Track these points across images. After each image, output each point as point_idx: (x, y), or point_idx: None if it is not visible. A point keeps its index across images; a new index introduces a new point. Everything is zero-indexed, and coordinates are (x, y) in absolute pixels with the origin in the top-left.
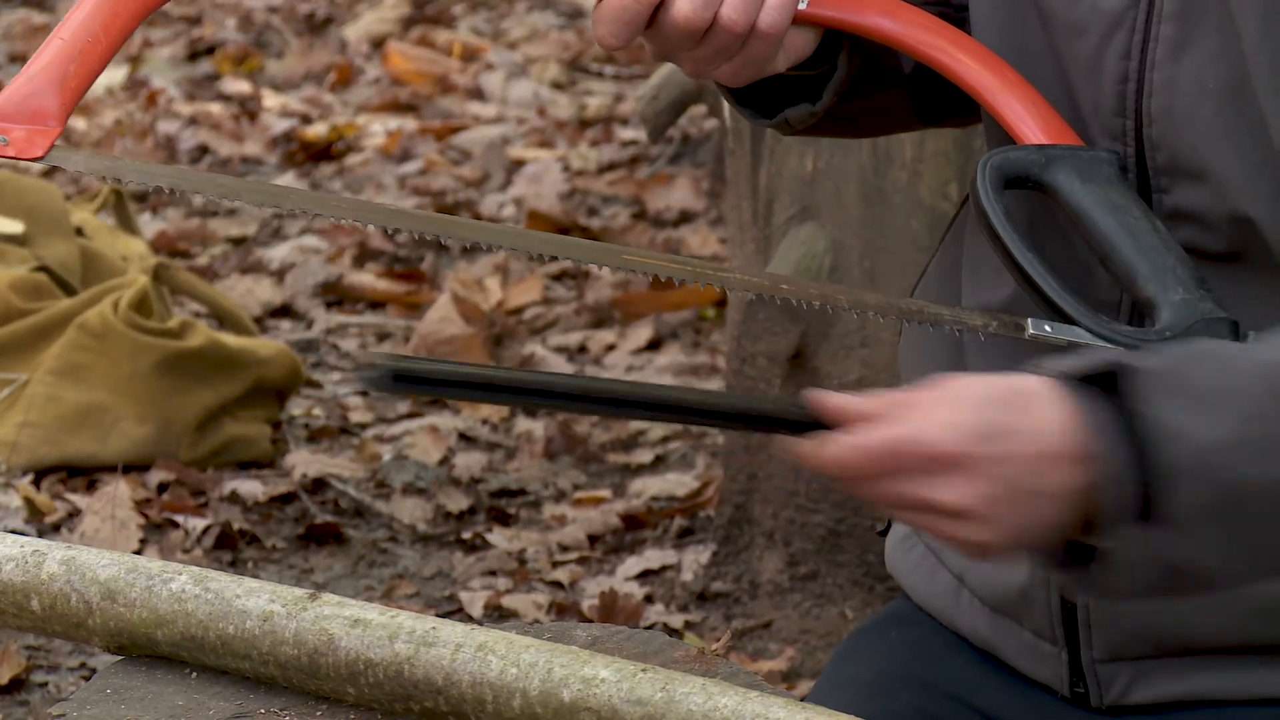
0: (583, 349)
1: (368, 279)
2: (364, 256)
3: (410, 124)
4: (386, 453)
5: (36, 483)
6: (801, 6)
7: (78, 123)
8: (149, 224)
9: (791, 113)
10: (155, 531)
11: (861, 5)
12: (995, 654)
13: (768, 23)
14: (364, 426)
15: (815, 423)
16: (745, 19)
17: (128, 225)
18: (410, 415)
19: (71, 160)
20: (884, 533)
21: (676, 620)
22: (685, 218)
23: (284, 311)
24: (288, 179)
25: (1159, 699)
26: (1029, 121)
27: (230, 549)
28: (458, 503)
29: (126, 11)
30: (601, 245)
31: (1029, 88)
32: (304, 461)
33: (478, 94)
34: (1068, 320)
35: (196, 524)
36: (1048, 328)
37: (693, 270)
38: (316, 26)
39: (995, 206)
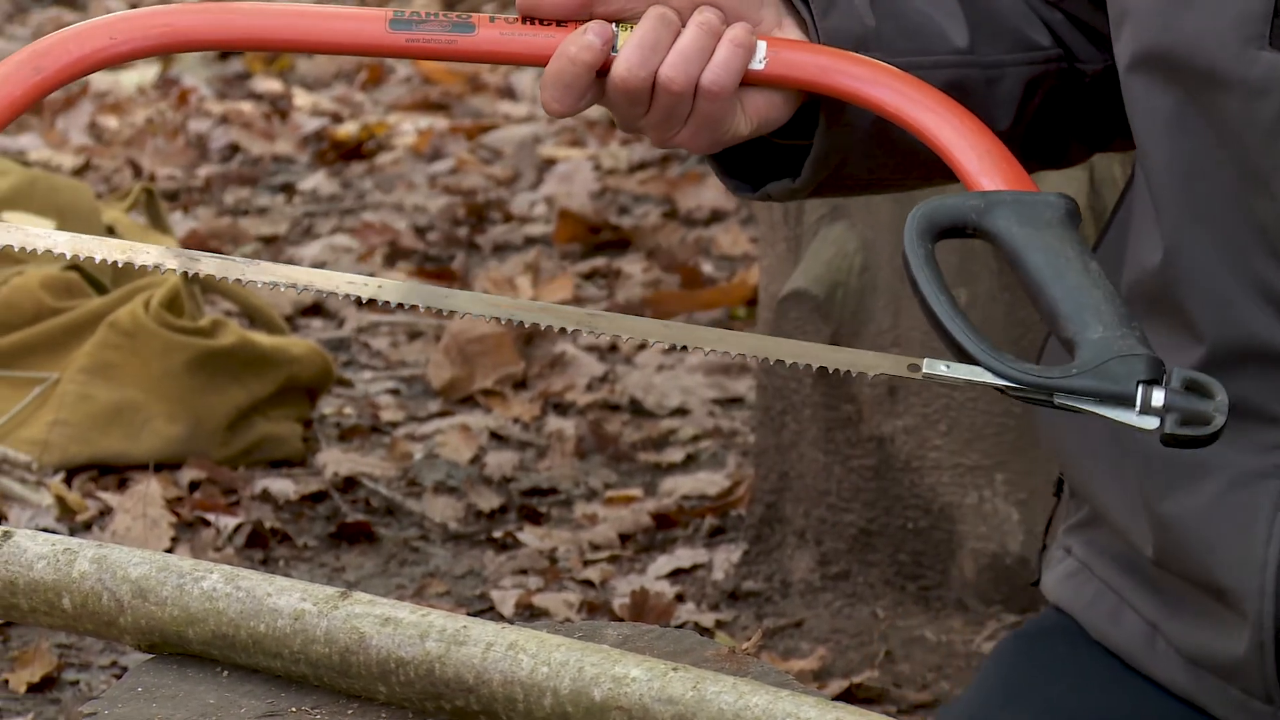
0: (613, 348)
1: (399, 277)
2: (395, 255)
3: (441, 123)
4: (418, 451)
5: (68, 481)
6: (756, 66)
7: (109, 121)
8: (180, 223)
9: (772, 187)
10: (187, 530)
11: (818, 64)
12: (1197, 704)
13: (711, 80)
14: (395, 425)
15: None
16: (684, 77)
17: (159, 224)
18: (441, 414)
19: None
20: (1035, 584)
21: (708, 619)
22: (716, 217)
23: (315, 310)
24: (318, 178)
25: None
26: (990, 174)
27: (262, 547)
28: (489, 501)
29: (17, 93)
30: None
31: (992, 138)
32: (335, 460)
33: (509, 93)
34: (970, 360)
35: (228, 522)
36: (944, 367)
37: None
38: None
39: (916, 251)
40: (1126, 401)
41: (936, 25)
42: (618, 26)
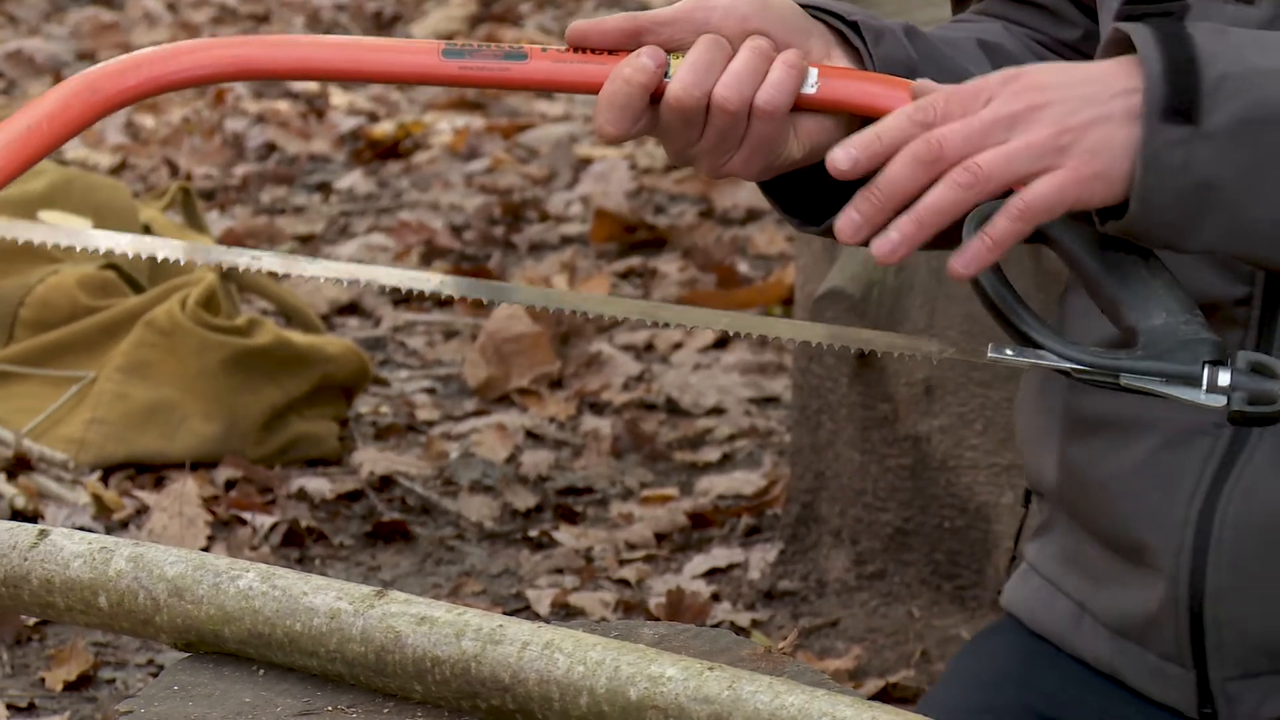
0: (650, 347)
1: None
2: (431, 254)
3: (477, 122)
4: (453, 450)
5: (104, 480)
6: (808, 90)
7: (145, 120)
8: (217, 221)
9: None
10: (223, 529)
11: (869, 89)
12: (1119, 677)
13: (764, 100)
14: (431, 424)
15: None
16: (739, 96)
17: (195, 222)
18: (477, 413)
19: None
20: (999, 592)
21: (743, 618)
22: (752, 216)
23: (351, 309)
24: (354, 177)
25: None
26: None
27: (297, 546)
28: (525, 500)
29: (78, 111)
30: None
31: None
32: (371, 459)
33: (545, 92)
34: (1033, 344)
35: (264, 521)
36: (1009, 351)
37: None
38: (384, 24)
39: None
40: (1193, 381)
41: (969, 73)
42: (670, 55)
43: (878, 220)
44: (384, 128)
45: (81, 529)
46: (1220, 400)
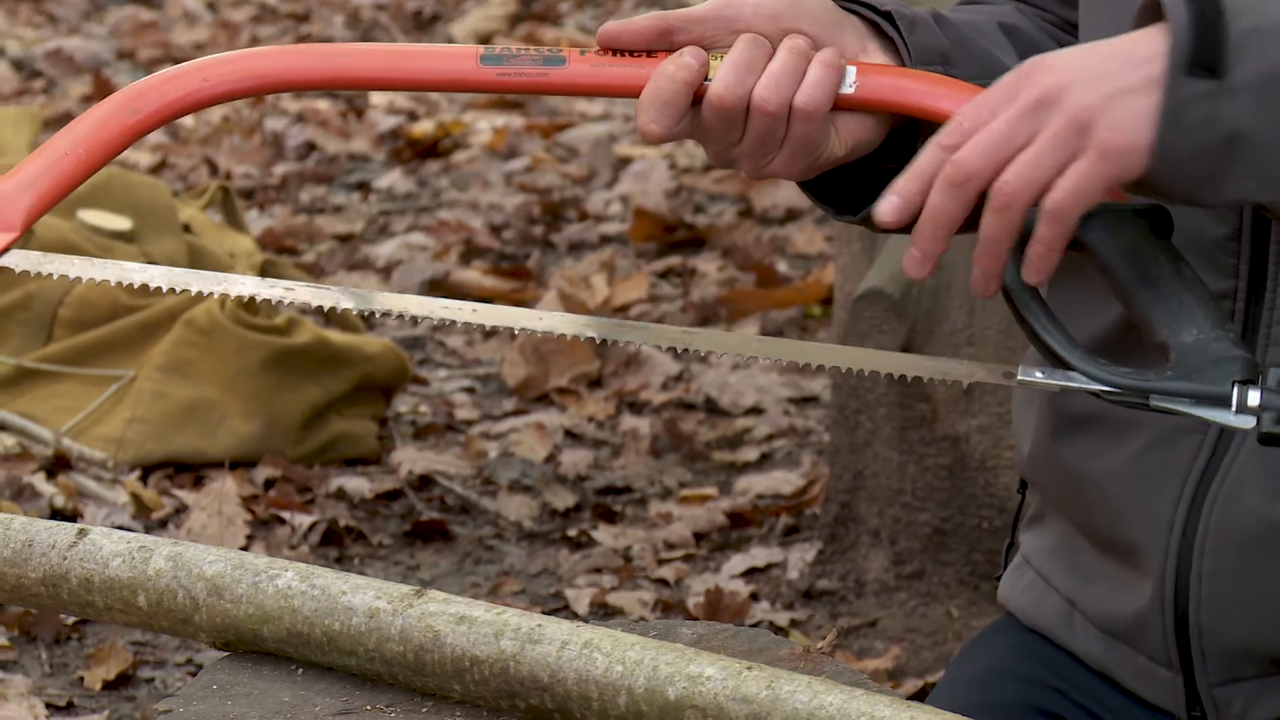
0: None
1: (474, 276)
2: (470, 253)
3: (517, 121)
4: (492, 450)
5: (144, 479)
6: (847, 90)
7: (185, 119)
8: (256, 221)
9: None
10: (262, 528)
11: (907, 86)
12: (1110, 676)
13: (804, 101)
14: (470, 424)
15: None
16: (778, 98)
17: (235, 222)
18: (516, 413)
19: (22, 263)
20: (998, 578)
21: (782, 618)
22: (791, 216)
23: None
24: (394, 176)
25: (1277, 716)
26: None
27: (336, 545)
28: (563, 500)
29: (113, 133)
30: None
31: None
32: (410, 458)
33: None
34: (1064, 365)
35: (303, 520)
36: (1039, 374)
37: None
38: (424, 24)
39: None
40: (1223, 401)
41: (996, 58)
42: (710, 54)
43: (939, 250)
44: (423, 127)
45: (120, 528)
46: (1250, 421)
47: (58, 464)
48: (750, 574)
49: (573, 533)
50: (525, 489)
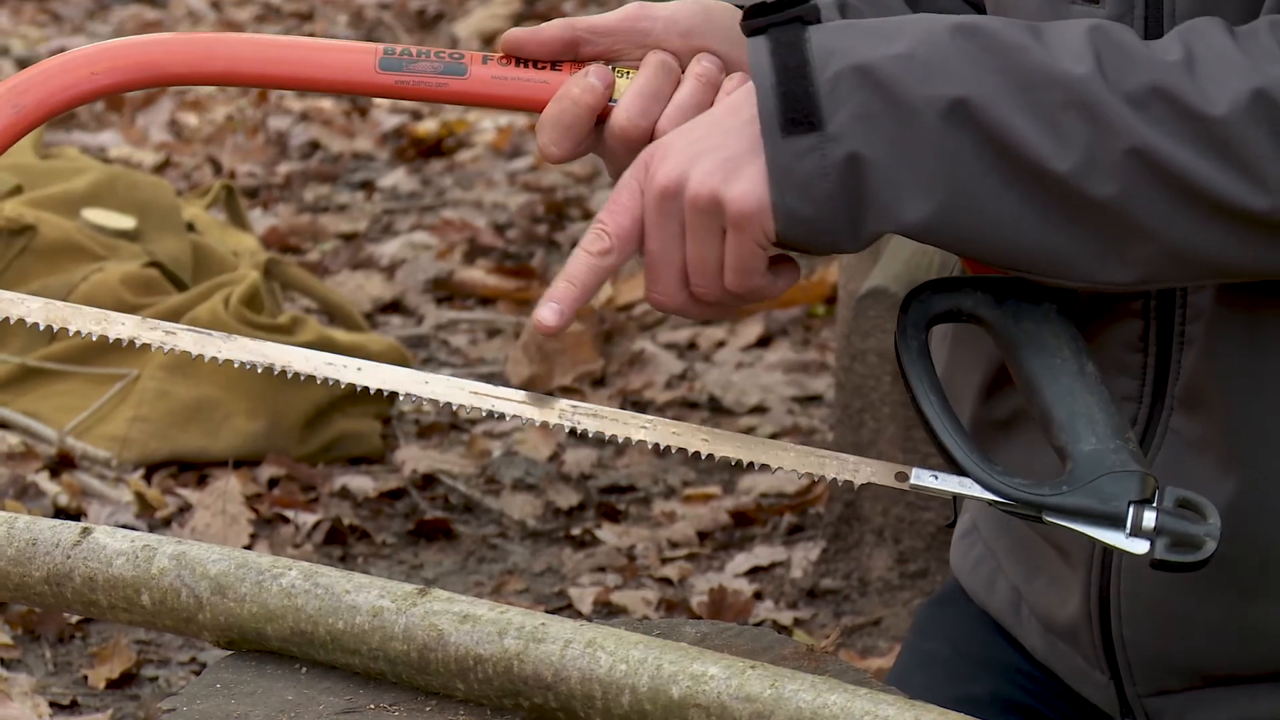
0: (692, 345)
1: (478, 275)
2: (474, 252)
3: (521, 120)
4: (496, 449)
5: (147, 477)
6: None
7: (189, 118)
8: (260, 219)
9: None
10: (265, 526)
11: None
12: (1054, 672)
13: None
14: (473, 423)
15: None
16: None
17: (239, 221)
18: None
19: None
20: (951, 525)
21: (786, 617)
22: None
23: (394, 307)
24: (398, 175)
25: None
26: None
27: (340, 544)
28: (567, 499)
29: (60, 93)
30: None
31: None
32: (414, 457)
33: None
34: (960, 471)
35: (307, 519)
36: (932, 478)
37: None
38: (427, 23)
39: (909, 344)
40: (1117, 523)
41: None
42: (614, 71)
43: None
44: (427, 126)
45: (124, 527)
46: (1143, 545)
47: (61, 463)
48: (754, 573)
49: (576, 531)
50: (529, 488)
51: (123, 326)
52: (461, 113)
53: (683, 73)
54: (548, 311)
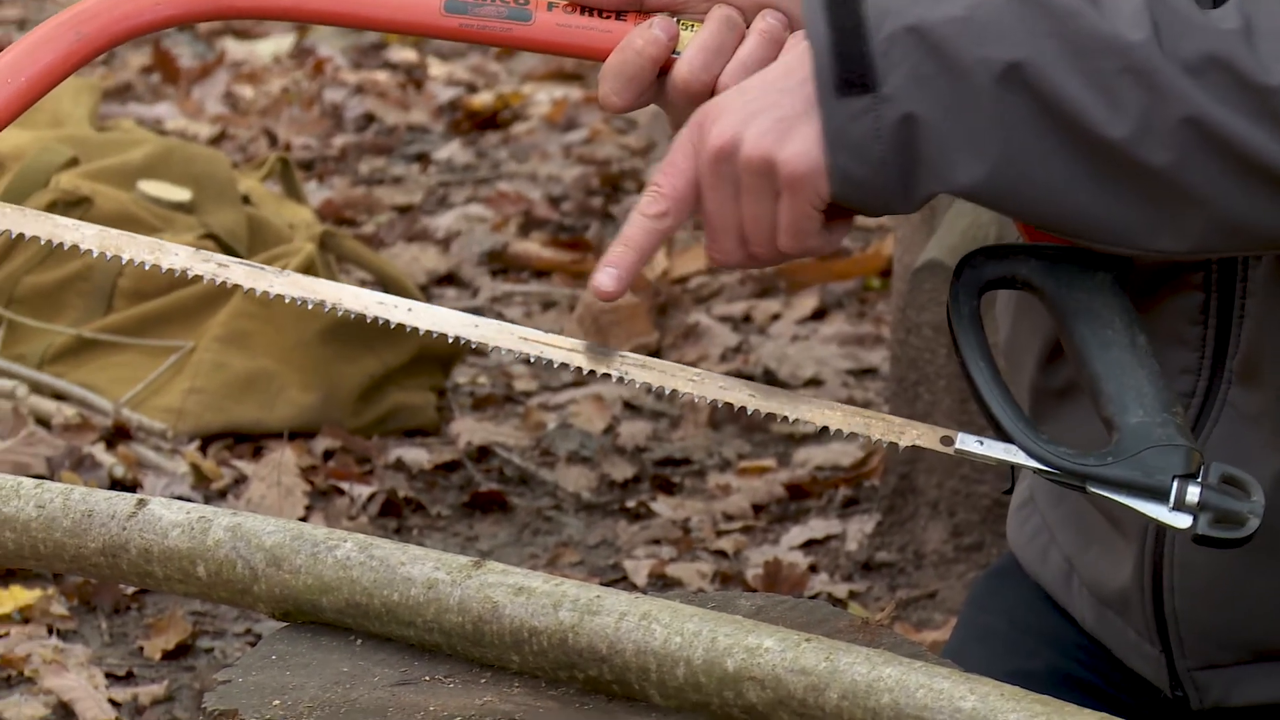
0: (747, 318)
1: (533, 247)
2: (529, 225)
3: (575, 92)
4: (551, 421)
5: (203, 449)
6: None
7: (244, 91)
8: (315, 192)
9: None
10: (321, 498)
11: None
12: (1104, 644)
13: None
14: (529, 395)
15: None
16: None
17: (294, 193)
18: (575, 384)
19: None
20: (1008, 493)
21: (841, 590)
22: None
23: (449, 279)
24: (453, 147)
25: (1258, 701)
26: None
27: (395, 516)
28: (622, 471)
29: (56, 57)
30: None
31: None
32: (469, 429)
33: None
34: (1006, 438)
35: (362, 491)
36: (977, 443)
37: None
38: None
39: (960, 309)
40: (1160, 496)
41: None
42: (679, 24)
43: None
44: (482, 98)
45: (180, 498)
46: (1186, 520)
47: (117, 434)
48: (809, 546)
49: (631, 504)
50: (584, 460)
51: (176, 257)
52: (517, 85)
53: (747, 28)
54: (605, 277)
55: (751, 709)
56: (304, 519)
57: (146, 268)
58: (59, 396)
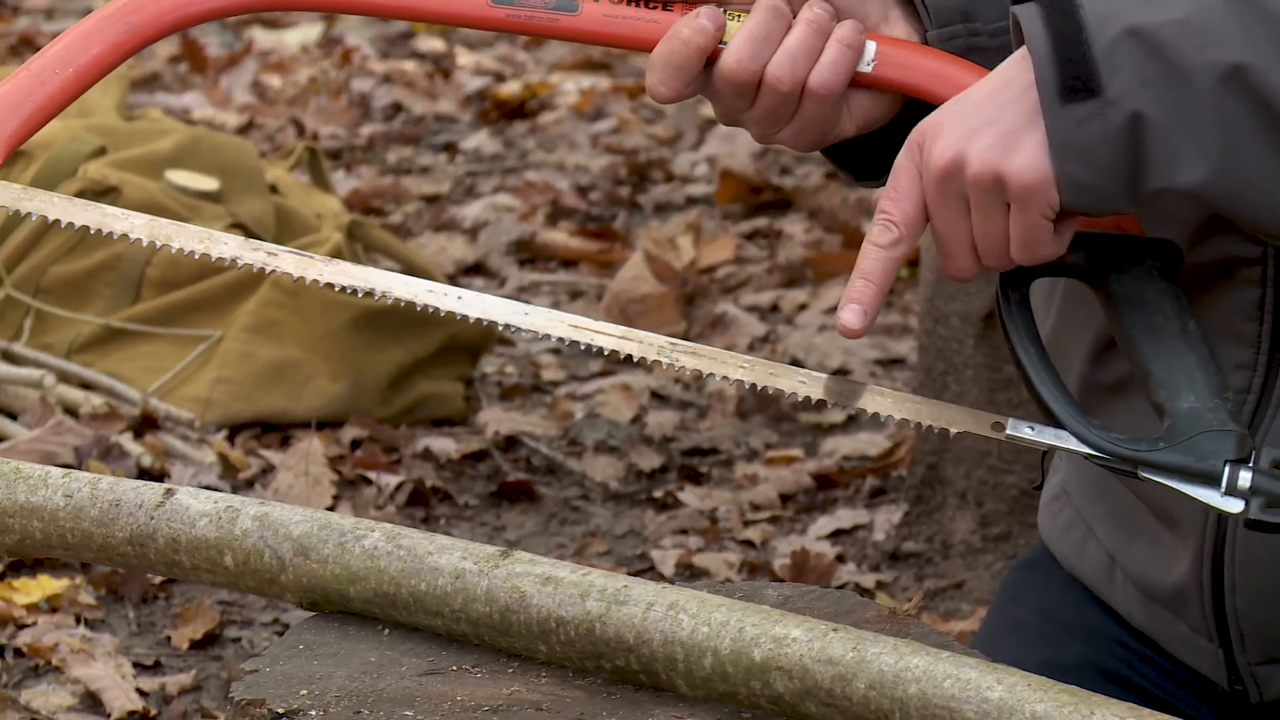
0: (775, 308)
1: (560, 237)
2: (557, 214)
3: (603, 82)
4: (578, 411)
5: (231, 439)
6: (864, 69)
7: (272, 80)
8: (343, 181)
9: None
10: (348, 488)
11: (927, 68)
12: (1152, 638)
13: (818, 82)
14: (556, 384)
15: None
16: (792, 77)
17: (322, 182)
18: (602, 374)
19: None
20: (1039, 487)
21: (868, 580)
22: None
23: (477, 269)
24: (481, 137)
25: None
26: None
27: (423, 506)
28: (649, 461)
29: (105, 48)
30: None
31: None
32: (496, 419)
33: None
34: (1057, 423)
35: (389, 481)
36: (1028, 429)
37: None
38: None
39: (1009, 296)
40: (1212, 481)
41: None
42: (725, 14)
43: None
44: (510, 88)
45: (207, 488)
46: (1238, 505)
47: (145, 424)
48: (836, 536)
49: (659, 494)
50: (611, 450)
51: (225, 246)
52: (544, 74)
53: (794, 17)
54: (850, 315)
55: (778, 699)
56: (331, 508)
57: (196, 257)
58: (87, 386)
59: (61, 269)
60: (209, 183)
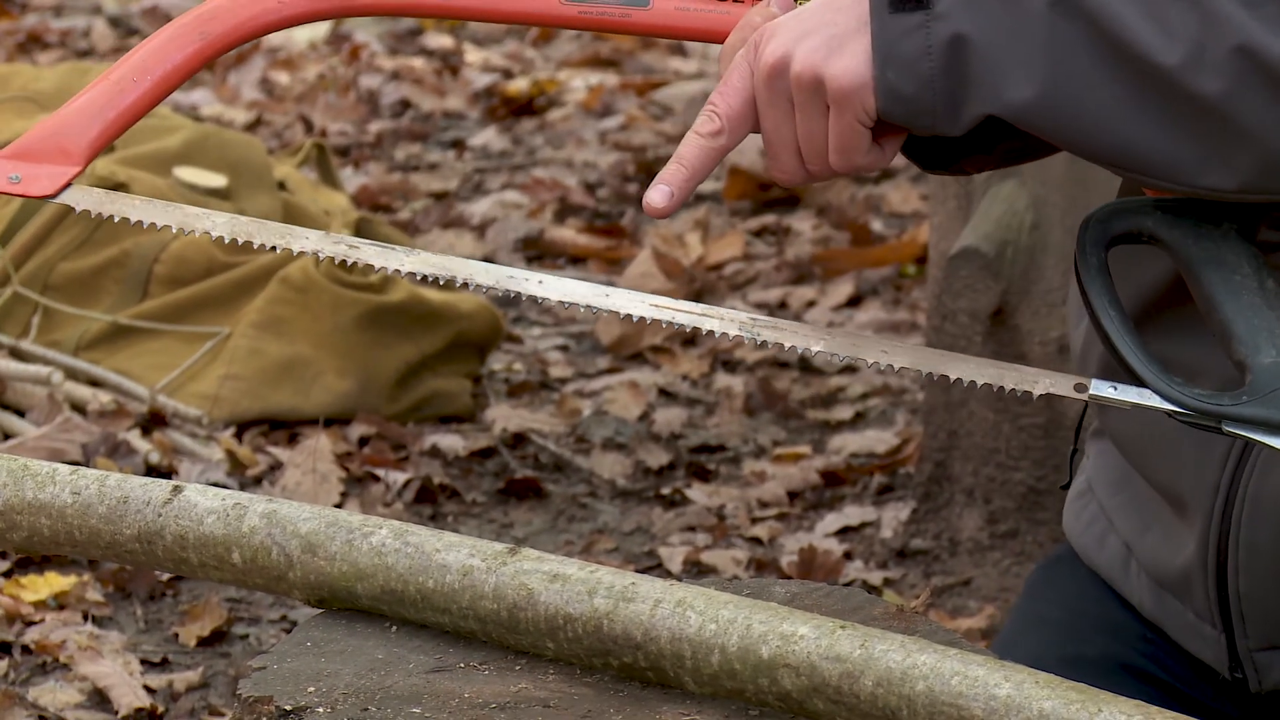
0: (783, 304)
1: (569, 234)
2: (565, 211)
3: (611, 79)
4: (586, 408)
5: (238, 435)
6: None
7: (280, 77)
8: (351, 178)
9: (968, 162)
10: (356, 485)
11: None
12: (1162, 628)
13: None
14: (564, 382)
15: None
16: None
17: (330, 179)
18: (610, 370)
19: (84, 200)
20: (1066, 487)
21: (875, 577)
22: (886, 174)
23: None
24: (489, 134)
25: None
26: None
27: (430, 503)
28: (657, 458)
29: (182, 57)
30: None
31: None
32: (504, 416)
33: (679, 49)
34: (1139, 382)
35: (397, 478)
36: (1111, 389)
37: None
38: None
39: (1089, 261)
40: None
41: None
42: (796, 3)
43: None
44: (518, 85)
45: (215, 485)
46: None
47: (153, 420)
48: (844, 533)
49: (666, 491)
50: (619, 447)
51: (306, 240)
52: (553, 71)
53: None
54: (657, 194)
55: (786, 696)
56: (339, 505)
57: (278, 252)
58: (94, 383)
59: (69, 266)
60: (217, 179)
